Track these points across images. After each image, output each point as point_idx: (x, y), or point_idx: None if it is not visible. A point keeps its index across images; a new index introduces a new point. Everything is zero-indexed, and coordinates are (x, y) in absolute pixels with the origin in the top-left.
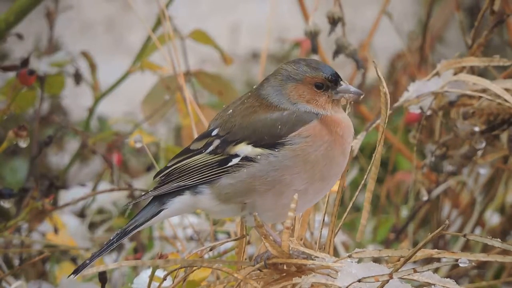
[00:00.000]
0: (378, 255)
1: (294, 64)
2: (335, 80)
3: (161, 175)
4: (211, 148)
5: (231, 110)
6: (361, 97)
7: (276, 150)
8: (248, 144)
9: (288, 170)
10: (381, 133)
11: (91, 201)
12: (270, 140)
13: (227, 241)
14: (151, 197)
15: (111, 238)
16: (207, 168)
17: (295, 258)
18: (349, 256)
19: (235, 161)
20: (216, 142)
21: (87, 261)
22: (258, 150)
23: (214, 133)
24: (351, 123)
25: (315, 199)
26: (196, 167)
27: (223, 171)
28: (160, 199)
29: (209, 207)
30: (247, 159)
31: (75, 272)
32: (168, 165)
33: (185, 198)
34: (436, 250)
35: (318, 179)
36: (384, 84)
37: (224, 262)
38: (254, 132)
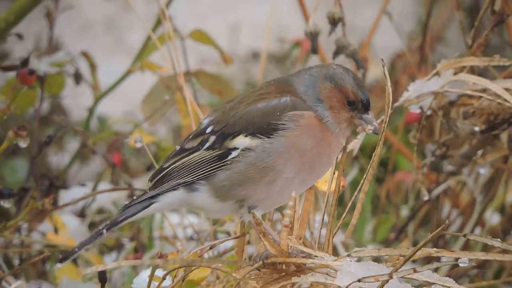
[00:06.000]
0: (377, 254)
1: (343, 70)
2: (366, 106)
3: (158, 176)
4: (207, 144)
5: (239, 98)
6: (378, 133)
7: (271, 136)
8: (246, 136)
9: (281, 156)
10: (381, 135)
11: (91, 201)
12: (267, 127)
13: (227, 240)
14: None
15: (100, 227)
16: (206, 163)
17: (294, 257)
18: (348, 255)
19: (234, 153)
20: (212, 138)
21: (76, 249)
22: (257, 141)
23: (208, 130)
24: (343, 143)
25: (299, 189)
26: (195, 163)
27: (222, 165)
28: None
29: (206, 205)
30: (245, 149)
31: (62, 260)
32: (164, 166)
33: (179, 194)
34: (435, 249)
35: (305, 169)
36: (389, 85)
37: (223, 262)
38: (252, 122)
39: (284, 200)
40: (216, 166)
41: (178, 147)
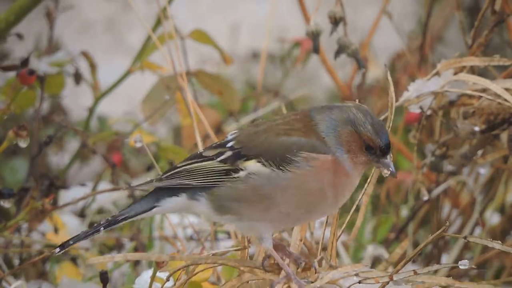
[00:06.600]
0: (384, 275)
1: (363, 114)
2: (385, 152)
3: (169, 173)
4: (222, 157)
5: (265, 126)
6: (394, 177)
7: (280, 168)
8: (258, 162)
9: (282, 190)
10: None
11: (91, 201)
12: (280, 159)
13: (229, 251)
14: (148, 192)
15: (101, 222)
16: (212, 174)
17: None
18: (356, 275)
19: (241, 174)
20: (229, 153)
21: (70, 242)
22: (266, 169)
23: (229, 145)
24: (356, 183)
25: (294, 224)
26: (203, 170)
27: (227, 180)
28: (156, 196)
29: (206, 214)
30: (252, 173)
31: (60, 250)
32: (179, 165)
33: (180, 200)
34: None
35: (304, 208)
36: (392, 88)
37: (229, 260)
38: (268, 151)
39: (278, 228)
40: (220, 179)
41: (199, 151)
